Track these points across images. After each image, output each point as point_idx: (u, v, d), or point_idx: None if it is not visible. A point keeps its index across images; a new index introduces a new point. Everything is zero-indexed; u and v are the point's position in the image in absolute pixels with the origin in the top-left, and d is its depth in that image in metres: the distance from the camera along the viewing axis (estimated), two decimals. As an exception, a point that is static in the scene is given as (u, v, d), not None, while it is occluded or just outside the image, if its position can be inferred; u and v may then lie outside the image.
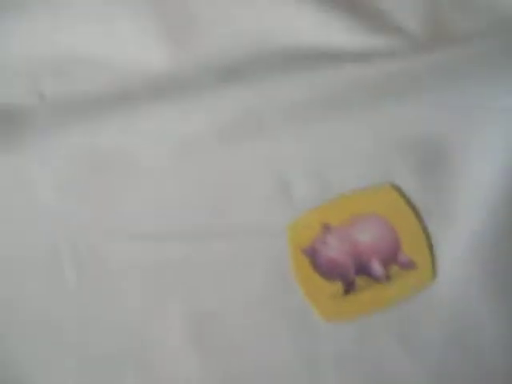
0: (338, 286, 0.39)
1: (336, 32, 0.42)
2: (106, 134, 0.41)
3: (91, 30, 0.44)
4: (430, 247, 0.39)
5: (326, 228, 0.40)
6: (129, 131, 0.41)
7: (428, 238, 0.40)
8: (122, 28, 0.44)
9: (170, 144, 0.41)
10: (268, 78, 0.42)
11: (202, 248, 0.40)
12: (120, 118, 0.42)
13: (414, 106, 0.41)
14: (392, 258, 0.39)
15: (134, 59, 0.43)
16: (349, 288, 0.39)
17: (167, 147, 0.41)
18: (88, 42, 0.44)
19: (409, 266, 0.39)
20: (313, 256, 0.39)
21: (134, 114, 0.41)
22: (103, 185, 0.41)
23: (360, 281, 0.39)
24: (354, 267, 0.39)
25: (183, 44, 0.43)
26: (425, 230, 0.40)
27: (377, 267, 0.39)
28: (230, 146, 0.41)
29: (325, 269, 0.39)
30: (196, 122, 0.41)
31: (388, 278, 0.39)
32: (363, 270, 0.39)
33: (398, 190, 0.40)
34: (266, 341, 0.40)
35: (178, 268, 0.40)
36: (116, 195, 0.41)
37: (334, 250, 0.39)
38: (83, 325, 0.40)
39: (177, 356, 0.40)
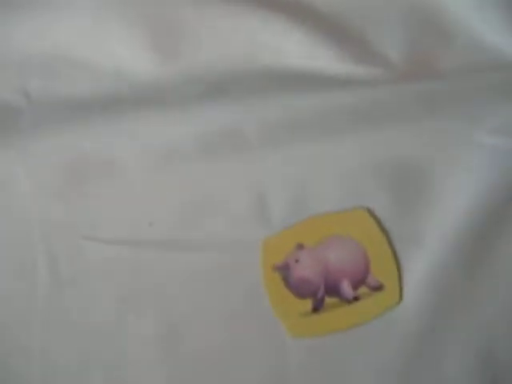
0: (307, 304, 0.40)
1: (322, 58, 0.44)
2: (91, 138, 0.42)
3: (81, 31, 0.45)
4: (399, 271, 0.41)
5: (300, 247, 0.41)
6: (113, 137, 0.42)
7: (397, 261, 0.41)
8: (111, 32, 0.45)
9: (153, 153, 0.42)
10: (254, 96, 0.43)
11: (176, 257, 0.41)
12: (106, 123, 0.43)
13: (391, 133, 0.42)
14: (361, 279, 0.41)
15: (121, 65, 0.44)
16: (318, 306, 0.40)
17: (150, 156, 0.42)
18: (77, 44, 0.45)
19: (377, 288, 0.40)
20: (285, 273, 0.40)
21: (120, 120, 0.43)
22: (83, 188, 0.42)
23: (329, 300, 0.40)
24: (324, 287, 0.40)
25: (170, 53, 0.44)
26: (394, 253, 0.41)
27: (346, 288, 0.40)
28: (212, 159, 0.42)
29: (296, 286, 0.40)
30: (180, 134, 0.42)
31: (356, 298, 0.40)
32: (333, 289, 0.41)
33: (372, 214, 0.41)
34: (234, 360, 0.40)
35: (151, 275, 0.41)
36: (95, 199, 0.42)
37: (307, 268, 0.40)
38: (51, 329, 0.41)
39: (142, 367, 0.40)
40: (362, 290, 0.41)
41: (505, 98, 0.42)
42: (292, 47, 0.44)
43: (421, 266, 0.41)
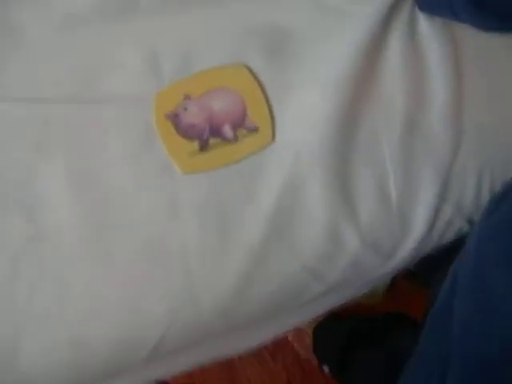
0: (195, 145, 0.48)
1: None
2: None
3: None
4: (272, 116, 0.48)
5: (187, 97, 0.48)
6: (18, 5, 0.47)
7: (270, 108, 0.48)
8: None
9: (55, 18, 0.47)
10: None
11: (81, 110, 0.47)
12: None
13: (267, 2, 0.49)
14: (240, 123, 0.48)
15: None
16: (203, 146, 0.48)
17: (52, 21, 0.47)
18: None
19: (253, 129, 0.48)
20: (175, 120, 0.47)
21: None
22: None
23: (213, 141, 0.48)
24: (208, 130, 0.48)
25: None
26: (268, 101, 0.48)
27: (227, 130, 0.48)
28: (109, 23, 0.48)
29: (185, 130, 0.47)
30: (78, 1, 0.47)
31: (236, 138, 0.48)
32: (216, 132, 0.48)
33: (249, 68, 0.48)
34: (134, 193, 0.47)
35: (58, 127, 0.47)
36: (2, 63, 0.47)
37: (193, 115, 0.47)
38: None
39: (56, 204, 0.47)
40: (241, 131, 0.48)
41: None
42: None
43: (292, 112, 0.48)
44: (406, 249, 0.52)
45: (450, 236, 0.54)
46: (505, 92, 0.52)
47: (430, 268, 0.61)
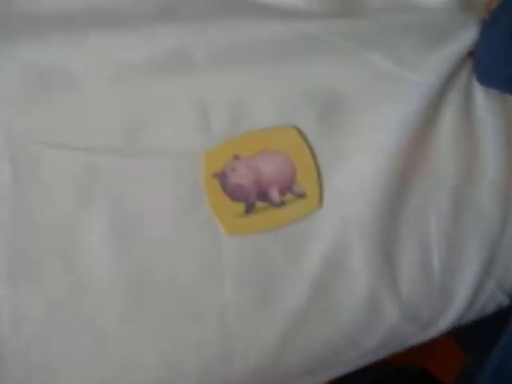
0: (241, 207, 0.47)
1: None
2: (50, 53, 0.46)
3: None
4: (320, 181, 0.48)
5: (236, 158, 0.47)
6: (70, 53, 0.47)
7: (319, 174, 0.48)
8: None
9: (107, 68, 0.47)
10: (202, 19, 0.48)
11: (127, 163, 0.47)
12: (63, 39, 0.46)
13: (321, 64, 0.48)
14: (288, 187, 0.47)
15: None
16: (249, 209, 0.47)
17: (104, 71, 0.47)
18: None
19: (301, 195, 0.47)
20: (223, 180, 0.47)
21: (76, 38, 0.47)
22: (42, 100, 0.46)
23: (260, 204, 0.47)
24: (256, 192, 0.47)
25: None
26: (318, 167, 0.48)
27: (274, 194, 0.47)
28: (161, 76, 0.47)
29: (232, 191, 0.47)
30: (132, 51, 0.47)
31: (283, 203, 0.47)
32: (263, 195, 0.47)
33: (300, 132, 0.48)
34: (177, 250, 0.47)
35: (103, 178, 0.46)
36: (53, 110, 0.46)
37: (241, 176, 0.47)
38: (15, 223, 0.46)
39: (97, 256, 0.46)
40: (288, 196, 0.47)
41: (422, 38, 0.48)
42: None
43: (342, 180, 0.48)
44: (445, 321, 0.51)
45: (489, 309, 0.53)
46: None
47: (469, 332, 0.60)
